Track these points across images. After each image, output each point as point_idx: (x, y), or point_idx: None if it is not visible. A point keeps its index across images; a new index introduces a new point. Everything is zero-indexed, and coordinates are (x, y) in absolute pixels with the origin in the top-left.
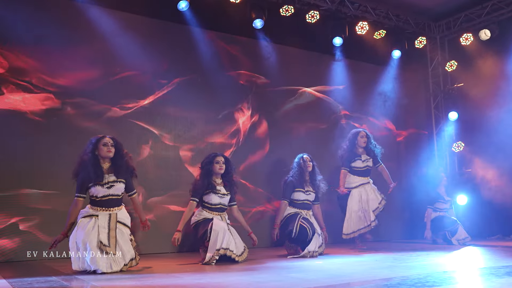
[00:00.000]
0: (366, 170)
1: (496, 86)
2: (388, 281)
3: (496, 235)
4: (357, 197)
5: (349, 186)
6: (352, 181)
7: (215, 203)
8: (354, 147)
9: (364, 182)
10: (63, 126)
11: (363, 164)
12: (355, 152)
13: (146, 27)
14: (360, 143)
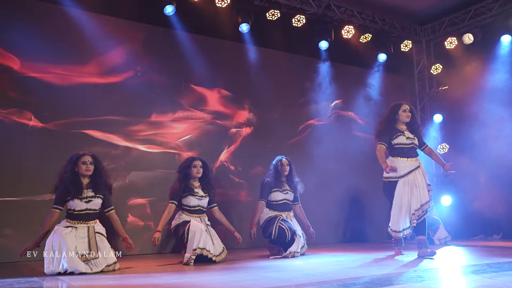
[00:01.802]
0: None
1: (479, 89)
2: (357, 280)
3: (479, 235)
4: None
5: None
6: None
7: (193, 205)
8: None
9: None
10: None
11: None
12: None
13: (133, 31)
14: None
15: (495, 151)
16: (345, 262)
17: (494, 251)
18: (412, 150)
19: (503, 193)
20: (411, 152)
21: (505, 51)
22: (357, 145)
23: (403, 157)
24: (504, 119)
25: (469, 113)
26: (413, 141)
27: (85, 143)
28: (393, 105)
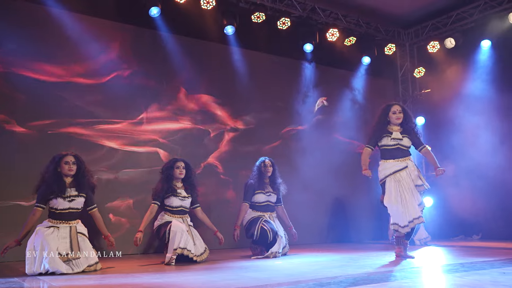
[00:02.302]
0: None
1: (459, 92)
2: (332, 279)
3: (459, 236)
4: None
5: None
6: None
7: (176, 206)
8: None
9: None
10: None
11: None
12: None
13: (118, 32)
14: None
15: (475, 152)
16: (324, 262)
17: (471, 251)
18: (397, 151)
19: (482, 194)
20: (396, 153)
21: (485, 56)
22: (340, 148)
23: (388, 159)
24: (481, 124)
25: (450, 116)
26: (399, 142)
27: (70, 144)
28: (384, 106)
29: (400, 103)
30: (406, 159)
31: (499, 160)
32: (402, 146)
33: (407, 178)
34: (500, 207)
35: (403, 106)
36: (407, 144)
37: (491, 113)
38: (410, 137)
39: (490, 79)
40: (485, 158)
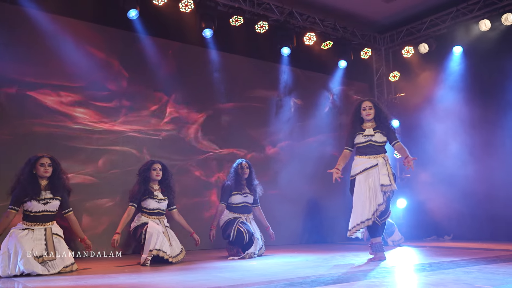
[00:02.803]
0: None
1: (432, 97)
2: (303, 279)
3: (432, 236)
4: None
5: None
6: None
7: (152, 208)
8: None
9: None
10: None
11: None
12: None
13: (97, 34)
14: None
15: (446, 156)
16: (297, 263)
17: (441, 251)
18: (368, 148)
19: (454, 196)
20: (367, 150)
21: (456, 62)
22: (315, 151)
23: (360, 155)
24: (452, 129)
25: (422, 119)
26: (370, 138)
27: (44, 146)
28: (355, 104)
29: (372, 98)
30: (378, 157)
31: (470, 165)
32: (374, 143)
33: (375, 176)
34: (470, 209)
35: (375, 102)
36: (379, 139)
37: (462, 118)
38: (384, 132)
39: (461, 85)
40: (456, 163)
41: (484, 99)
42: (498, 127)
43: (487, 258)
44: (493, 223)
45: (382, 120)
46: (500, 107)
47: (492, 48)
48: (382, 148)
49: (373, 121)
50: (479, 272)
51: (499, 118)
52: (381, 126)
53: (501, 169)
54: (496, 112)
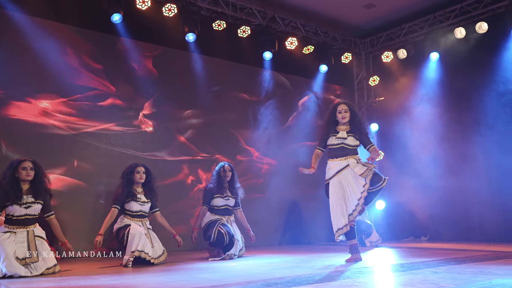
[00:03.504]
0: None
1: (410, 101)
2: (280, 279)
3: (409, 237)
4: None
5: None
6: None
7: (135, 210)
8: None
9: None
10: None
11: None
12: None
13: (80, 37)
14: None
15: (424, 159)
16: (276, 264)
17: (415, 252)
18: (340, 150)
19: (430, 198)
20: (339, 153)
21: (433, 68)
22: (295, 153)
23: (332, 158)
24: (430, 130)
25: (400, 123)
26: (343, 141)
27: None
28: (331, 106)
29: (347, 101)
30: (349, 158)
31: (446, 168)
32: (346, 145)
33: (349, 176)
34: (446, 211)
35: (350, 105)
36: (352, 143)
37: (438, 123)
38: (358, 136)
39: (437, 90)
40: (433, 166)
41: (459, 104)
42: (472, 130)
43: (457, 259)
44: (467, 225)
45: (356, 124)
46: (472, 110)
47: (466, 55)
48: (354, 151)
49: (348, 124)
50: (447, 272)
51: (473, 121)
52: (355, 130)
53: (475, 172)
54: (470, 116)
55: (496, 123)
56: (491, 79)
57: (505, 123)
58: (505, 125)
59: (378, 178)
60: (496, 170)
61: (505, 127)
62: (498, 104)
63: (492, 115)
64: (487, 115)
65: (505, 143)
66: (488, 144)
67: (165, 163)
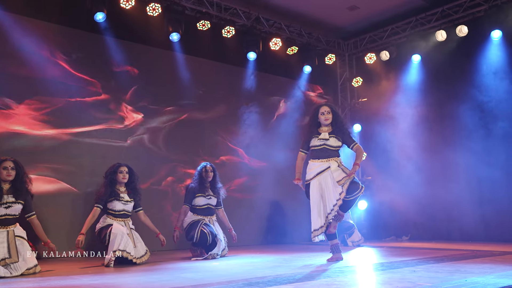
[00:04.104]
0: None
1: (392, 102)
2: (261, 279)
3: (391, 237)
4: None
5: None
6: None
7: (118, 210)
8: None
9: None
10: None
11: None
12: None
13: (62, 36)
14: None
15: (406, 160)
16: (258, 263)
17: (396, 251)
18: (322, 151)
19: (412, 198)
20: (321, 154)
21: (415, 70)
22: (279, 153)
23: (314, 159)
24: (411, 132)
25: (383, 124)
26: (325, 142)
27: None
28: (313, 108)
29: (329, 103)
30: (331, 160)
31: (427, 169)
32: (328, 146)
33: (328, 179)
34: (426, 210)
35: (332, 107)
36: (334, 144)
37: (419, 124)
38: (340, 137)
39: (419, 91)
40: (414, 167)
41: (440, 106)
42: (453, 132)
43: (435, 258)
44: (447, 225)
45: (338, 125)
46: (454, 112)
47: (447, 58)
48: (336, 153)
49: (330, 126)
50: (425, 271)
51: (454, 123)
52: (337, 131)
53: (455, 173)
54: (451, 117)
55: (476, 124)
56: (471, 80)
57: (484, 123)
58: (484, 125)
59: (356, 186)
60: (475, 171)
61: (484, 127)
62: (477, 105)
63: (472, 116)
64: (468, 116)
65: (484, 144)
66: (468, 145)
67: (149, 164)
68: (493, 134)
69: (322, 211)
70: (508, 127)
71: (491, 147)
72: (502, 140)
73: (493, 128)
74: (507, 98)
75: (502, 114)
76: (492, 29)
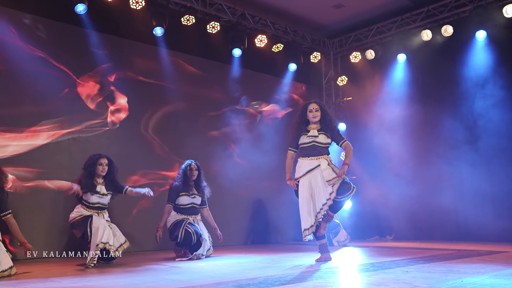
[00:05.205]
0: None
1: (378, 101)
2: (252, 280)
3: (375, 236)
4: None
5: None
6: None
7: (93, 202)
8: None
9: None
10: None
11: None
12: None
13: (41, 28)
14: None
15: (389, 159)
16: (245, 264)
17: (383, 251)
18: (312, 149)
19: (396, 197)
20: (310, 151)
21: (400, 69)
22: (263, 151)
23: (304, 157)
24: (396, 131)
25: (368, 122)
26: (314, 140)
27: None
28: (301, 105)
29: (318, 100)
30: (321, 158)
31: (410, 169)
32: (317, 144)
33: (318, 177)
34: (410, 210)
35: (321, 104)
36: (323, 141)
37: (404, 124)
38: (329, 134)
39: (404, 91)
40: (398, 166)
41: (424, 106)
42: (438, 132)
43: (424, 258)
44: (430, 225)
45: (327, 123)
46: (438, 111)
47: (433, 57)
48: (326, 150)
49: (319, 123)
50: (417, 272)
51: (439, 122)
52: (326, 128)
53: (438, 174)
54: (435, 117)
55: (461, 123)
56: (456, 79)
57: (469, 122)
58: (469, 124)
59: (347, 187)
60: (459, 172)
61: (469, 127)
62: (462, 103)
63: (457, 114)
64: (453, 115)
65: (468, 144)
66: (452, 146)
67: (131, 161)
68: (476, 134)
69: (312, 210)
70: (492, 126)
71: (474, 148)
72: (485, 140)
73: (477, 128)
74: (491, 97)
75: (486, 113)
76: (477, 29)
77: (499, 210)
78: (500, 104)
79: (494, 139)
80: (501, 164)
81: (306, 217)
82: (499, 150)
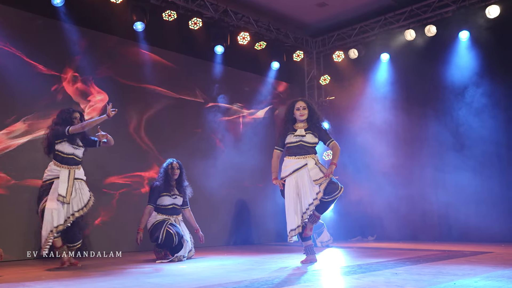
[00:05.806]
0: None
1: (360, 101)
2: (237, 284)
3: (357, 237)
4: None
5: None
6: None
7: (67, 153)
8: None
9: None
10: None
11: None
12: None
13: (16, 21)
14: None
15: (372, 159)
16: (229, 266)
17: (367, 252)
18: (299, 148)
19: (378, 198)
20: (297, 150)
21: (384, 68)
22: (245, 150)
23: (290, 156)
24: (379, 131)
25: (351, 122)
26: (301, 139)
27: None
28: (288, 103)
29: (305, 98)
30: (308, 157)
31: (393, 169)
32: (304, 143)
33: (305, 177)
34: (392, 211)
35: (308, 102)
36: (311, 140)
37: (387, 123)
38: (317, 133)
39: (387, 90)
40: (381, 166)
41: (408, 105)
42: (422, 132)
43: (410, 259)
44: (412, 225)
45: (314, 122)
46: (422, 111)
47: (416, 57)
48: (313, 149)
49: (306, 122)
50: (407, 274)
51: (422, 122)
52: (313, 127)
53: (421, 175)
54: (419, 116)
55: (445, 122)
56: (439, 78)
57: (452, 120)
58: (453, 122)
59: (335, 187)
60: (442, 172)
61: (453, 125)
62: (445, 102)
63: (440, 112)
64: (436, 113)
65: (452, 144)
66: (436, 145)
67: (111, 161)
68: (460, 133)
69: (298, 210)
70: (475, 123)
71: (459, 147)
72: (468, 139)
73: (461, 126)
74: (473, 95)
75: (470, 110)
76: (460, 29)
77: (482, 210)
78: (481, 109)
79: (477, 139)
80: (484, 163)
81: (292, 217)
82: (482, 150)
